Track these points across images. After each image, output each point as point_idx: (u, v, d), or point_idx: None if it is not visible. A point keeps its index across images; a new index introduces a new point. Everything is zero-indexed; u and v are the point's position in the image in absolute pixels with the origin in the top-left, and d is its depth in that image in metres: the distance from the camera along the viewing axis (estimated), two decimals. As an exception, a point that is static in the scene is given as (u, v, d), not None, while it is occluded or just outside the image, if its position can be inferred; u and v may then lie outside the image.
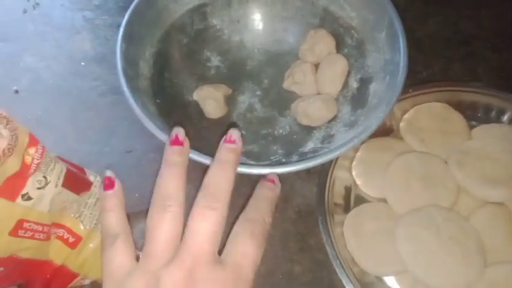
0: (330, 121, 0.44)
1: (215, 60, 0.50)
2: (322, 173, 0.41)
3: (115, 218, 0.28)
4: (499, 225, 0.36)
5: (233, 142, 0.30)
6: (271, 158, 0.42)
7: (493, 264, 0.34)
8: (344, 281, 0.35)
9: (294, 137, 0.45)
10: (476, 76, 0.48)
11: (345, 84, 0.45)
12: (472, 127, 0.43)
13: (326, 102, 0.43)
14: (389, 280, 0.37)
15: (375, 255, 0.37)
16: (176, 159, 0.28)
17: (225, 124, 0.46)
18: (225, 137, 0.30)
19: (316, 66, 0.46)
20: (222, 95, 0.45)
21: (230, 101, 0.47)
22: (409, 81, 0.44)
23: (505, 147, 0.39)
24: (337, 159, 0.41)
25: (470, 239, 0.35)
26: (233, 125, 0.45)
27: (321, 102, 0.43)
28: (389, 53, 0.40)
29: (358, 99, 0.43)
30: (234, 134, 0.30)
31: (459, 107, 0.44)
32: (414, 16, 0.52)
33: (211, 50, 0.49)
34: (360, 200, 0.41)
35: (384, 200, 0.40)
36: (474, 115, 0.44)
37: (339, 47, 0.47)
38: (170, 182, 0.27)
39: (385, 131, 0.45)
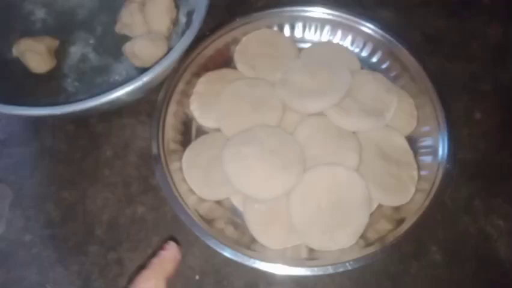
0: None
1: (40, 13, 0.46)
2: (155, 111, 0.40)
3: None
4: (318, 134, 0.38)
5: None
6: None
7: (310, 168, 0.36)
8: (178, 210, 0.35)
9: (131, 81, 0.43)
10: None
11: (176, 21, 0.44)
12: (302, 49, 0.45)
13: (153, 40, 0.42)
14: (226, 202, 0.38)
15: (209, 182, 0.38)
16: None
17: (54, 78, 0.43)
18: None
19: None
20: (45, 47, 0.42)
21: (60, 53, 0.45)
22: (245, 12, 0.44)
23: (324, 62, 0.41)
24: (171, 96, 0.41)
25: (290, 150, 0.37)
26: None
27: (147, 40, 0.41)
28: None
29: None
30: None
31: (292, 29, 0.45)
32: None
33: (34, 3, 0.46)
34: (201, 132, 0.42)
35: (220, 130, 0.40)
36: (305, 36, 0.46)
37: (166, -17, 0.45)
38: None
39: (225, 63, 0.45)
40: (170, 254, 0.30)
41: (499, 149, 0.42)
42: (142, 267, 0.29)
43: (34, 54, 0.42)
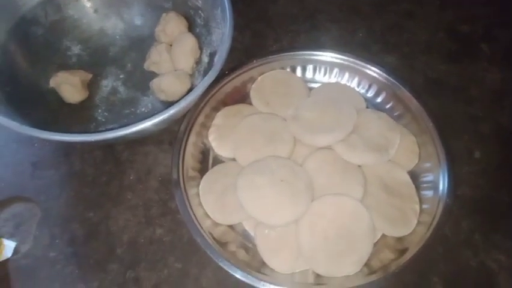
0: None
1: (76, 49, 0.51)
2: (176, 141, 0.43)
3: None
4: (326, 167, 0.41)
5: None
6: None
7: (317, 198, 0.39)
8: (194, 233, 0.38)
9: (156, 113, 0.47)
10: (319, 44, 0.54)
11: (199, 60, 0.49)
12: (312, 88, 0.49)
13: (178, 77, 0.46)
14: (239, 226, 0.41)
15: (224, 207, 0.40)
16: None
17: (86, 108, 0.48)
18: None
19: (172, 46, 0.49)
20: (79, 79, 0.47)
21: (92, 86, 0.49)
22: (261, 54, 0.49)
23: (332, 101, 0.45)
24: (192, 127, 0.44)
25: (299, 180, 0.39)
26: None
27: (173, 77, 0.46)
28: (223, 27, 0.44)
29: (208, 72, 0.46)
30: None
31: (303, 70, 0.49)
32: (266, -4, 0.58)
33: (71, 40, 0.51)
34: (217, 161, 0.45)
35: (235, 159, 0.44)
36: (315, 77, 0.50)
37: (192, 27, 0.50)
38: None
39: (241, 99, 0.49)
40: None
41: (498, 187, 0.45)
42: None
43: (69, 86, 0.46)
